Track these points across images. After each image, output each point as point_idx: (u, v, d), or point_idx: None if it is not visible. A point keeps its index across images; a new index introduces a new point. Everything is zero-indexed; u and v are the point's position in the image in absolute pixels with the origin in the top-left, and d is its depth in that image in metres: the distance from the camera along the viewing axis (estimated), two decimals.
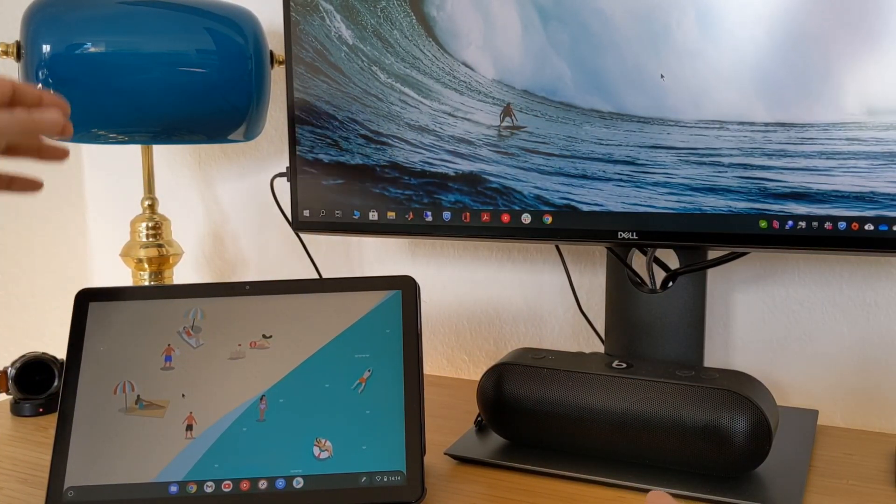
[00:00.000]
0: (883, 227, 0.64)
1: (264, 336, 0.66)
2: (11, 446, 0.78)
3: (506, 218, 0.77)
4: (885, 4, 0.62)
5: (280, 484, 0.60)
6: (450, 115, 0.78)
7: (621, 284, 0.77)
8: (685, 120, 0.69)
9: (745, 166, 0.68)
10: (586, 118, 0.73)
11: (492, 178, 0.77)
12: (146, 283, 1.01)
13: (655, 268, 0.77)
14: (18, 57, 0.85)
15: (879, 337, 0.82)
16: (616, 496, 0.64)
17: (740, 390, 0.62)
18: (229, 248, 1.20)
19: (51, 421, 0.84)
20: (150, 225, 1.02)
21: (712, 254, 0.76)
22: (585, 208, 0.74)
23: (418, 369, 0.63)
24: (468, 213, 0.79)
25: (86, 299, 0.67)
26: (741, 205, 0.68)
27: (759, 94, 0.66)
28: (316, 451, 0.61)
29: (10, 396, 0.88)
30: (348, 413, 0.62)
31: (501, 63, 0.76)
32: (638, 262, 0.79)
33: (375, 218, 0.82)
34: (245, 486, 0.60)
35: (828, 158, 0.65)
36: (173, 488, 0.60)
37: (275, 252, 1.16)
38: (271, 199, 0.95)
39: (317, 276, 1.00)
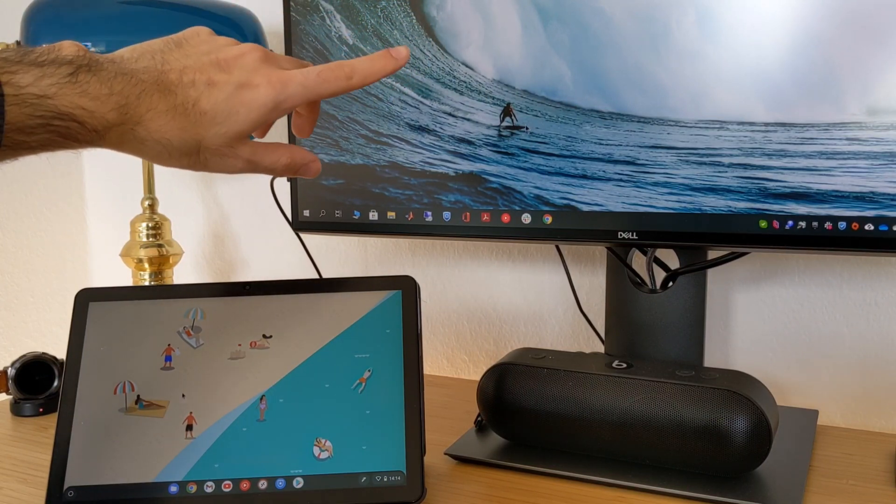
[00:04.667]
0: (883, 227, 0.64)
1: (264, 336, 0.66)
2: (11, 446, 0.78)
3: (506, 218, 0.77)
4: (885, 4, 0.62)
5: (280, 484, 0.60)
6: (450, 115, 0.78)
7: (621, 284, 0.77)
8: (685, 120, 0.69)
9: (745, 166, 0.68)
10: (586, 118, 0.73)
11: (492, 178, 0.77)
12: (146, 283, 1.01)
13: (655, 268, 0.77)
14: None
15: (879, 337, 0.82)
16: (616, 496, 0.64)
17: (740, 390, 0.62)
18: (229, 248, 1.20)
19: (51, 421, 0.84)
20: (150, 225, 1.02)
21: (712, 254, 0.76)
22: (585, 208, 0.74)
23: (418, 369, 0.63)
24: (468, 213, 0.79)
25: (86, 299, 0.67)
26: (741, 205, 0.68)
27: (759, 94, 0.66)
28: (316, 451, 0.61)
29: (10, 396, 0.88)
30: (348, 413, 0.62)
31: (501, 63, 0.76)
32: (638, 262, 0.79)
33: (375, 218, 0.82)
34: (245, 486, 0.60)
35: (828, 158, 0.65)
36: (173, 488, 0.60)
37: (275, 252, 1.16)
38: (271, 199, 0.95)
39: (317, 276, 1.00)
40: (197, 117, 0.50)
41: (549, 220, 0.75)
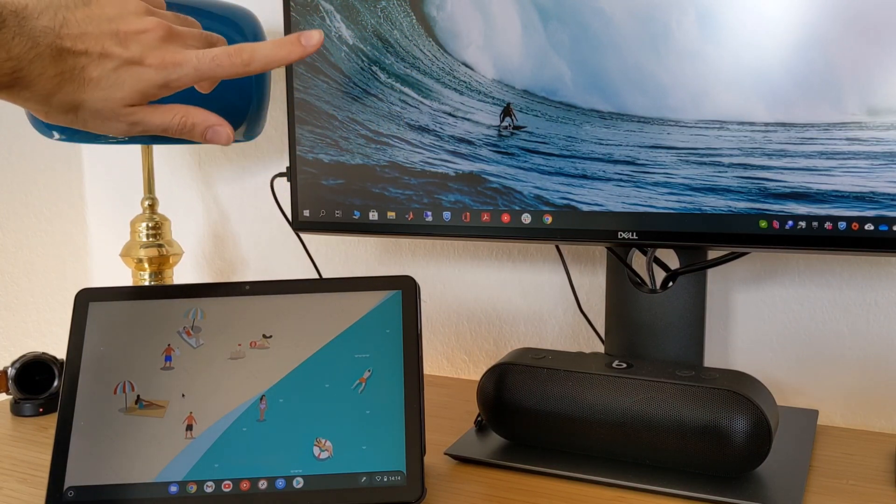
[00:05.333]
0: (883, 227, 0.64)
1: (264, 336, 0.66)
2: (11, 446, 0.78)
3: (506, 218, 0.77)
4: (885, 4, 0.62)
5: (280, 484, 0.60)
6: (450, 115, 0.78)
7: (621, 284, 0.77)
8: (685, 120, 0.69)
9: (745, 166, 0.68)
10: (586, 118, 0.73)
11: (492, 178, 0.77)
12: (146, 283, 1.01)
13: (655, 268, 0.77)
14: None
15: (879, 337, 0.82)
16: (616, 496, 0.64)
17: (740, 390, 0.62)
18: (229, 248, 1.20)
19: (51, 421, 0.84)
20: (150, 225, 1.02)
21: (712, 254, 0.76)
22: (585, 208, 0.74)
23: (418, 369, 0.63)
24: (468, 213, 0.79)
25: (86, 299, 0.67)
26: (741, 205, 0.68)
27: (759, 94, 0.66)
28: (316, 451, 0.61)
29: (10, 396, 0.88)
30: (348, 413, 0.62)
31: (501, 63, 0.76)
32: (638, 262, 0.79)
33: (375, 218, 0.82)
34: (245, 486, 0.60)
35: (828, 158, 0.65)
36: (173, 488, 0.60)
37: (275, 252, 1.16)
38: (271, 199, 0.95)
39: (317, 276, 1.00)
40: (82, 82, 0.51)
41: (549, 220, 0.75)
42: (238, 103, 0.91)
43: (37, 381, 0.88)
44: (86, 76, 0.51)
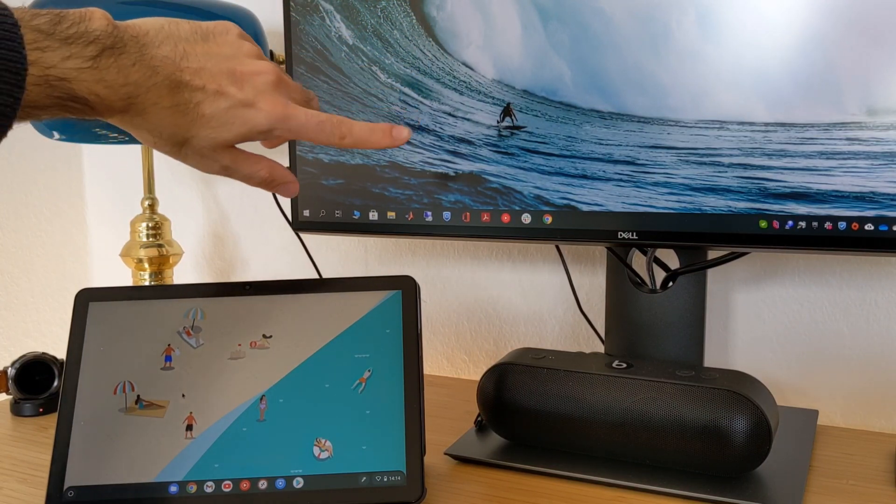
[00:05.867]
0: (883, 227, 0.64)
1: (264, 336, 0.65)
2: (11, 446, 0.78)
3: (506, 218, 0.77)
4: (885, 4, 0.62)
5: (280, 484, 0.60)
6: (450, 115, 0.78)
7: (621, 284, 0.77)
8: (685, 120, 0.69)
9: (745, 166, 0.68)
10: (586, 118, 0.73)
11: (492, 178, 0.77)
12: (146, 283, 1.01)
13: (655, 268, 0.77)
14: None
15: (879, 337, 0.82)
16: (616, 496, 0.64)
17: (740, 390, 0.62)
18: (229, 248, 1.20)
19: (51, 421, 0.84)
20: (150, 225, 1.02)
21: (712, 254, 0.76)
22: (585, 208, 0.74)
23: (418, 369, 0.63)
24: (468, 213, 0.79)
25: (86, 299, 0.67)
26: (741, 205, 0.68)
27: (759, 94, 0.66)
28: (316, 451, 0.61)
29: (10, 396, 0.88)
30: (348, 413, 0.62)
31: (501, 63, 0.76)
32: (638, 262, 0.79)
33: (375, 218, 0.82)
34: (245, 486, 0.60)
35: (828, 158, 0.65)
36: (173, 488, 0.60)
37: (275, 252, 1.16)
38: (271, 199, 0.95)
39: (317, 276, 1.00)
40: (194, 118, 0.51)
41: (549, 220, 0.75)
42: None
43: (37, 381, 0.88)
44: (199, 112, 0.50)
